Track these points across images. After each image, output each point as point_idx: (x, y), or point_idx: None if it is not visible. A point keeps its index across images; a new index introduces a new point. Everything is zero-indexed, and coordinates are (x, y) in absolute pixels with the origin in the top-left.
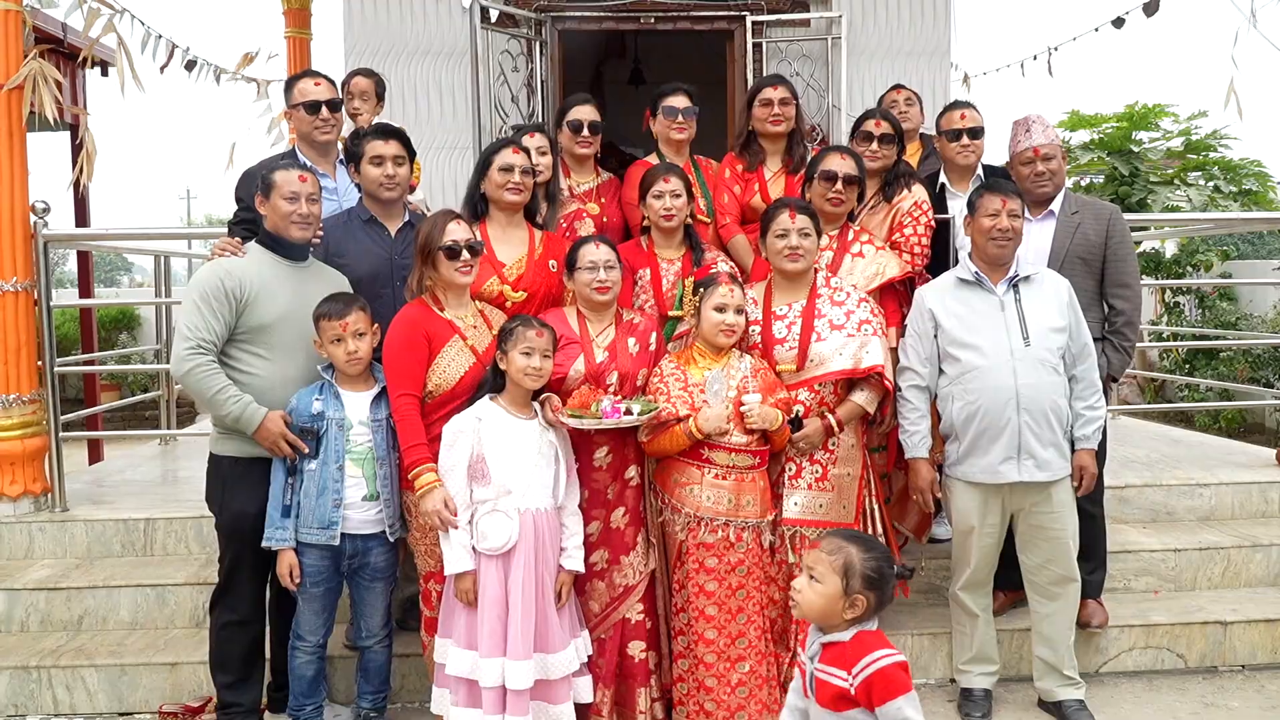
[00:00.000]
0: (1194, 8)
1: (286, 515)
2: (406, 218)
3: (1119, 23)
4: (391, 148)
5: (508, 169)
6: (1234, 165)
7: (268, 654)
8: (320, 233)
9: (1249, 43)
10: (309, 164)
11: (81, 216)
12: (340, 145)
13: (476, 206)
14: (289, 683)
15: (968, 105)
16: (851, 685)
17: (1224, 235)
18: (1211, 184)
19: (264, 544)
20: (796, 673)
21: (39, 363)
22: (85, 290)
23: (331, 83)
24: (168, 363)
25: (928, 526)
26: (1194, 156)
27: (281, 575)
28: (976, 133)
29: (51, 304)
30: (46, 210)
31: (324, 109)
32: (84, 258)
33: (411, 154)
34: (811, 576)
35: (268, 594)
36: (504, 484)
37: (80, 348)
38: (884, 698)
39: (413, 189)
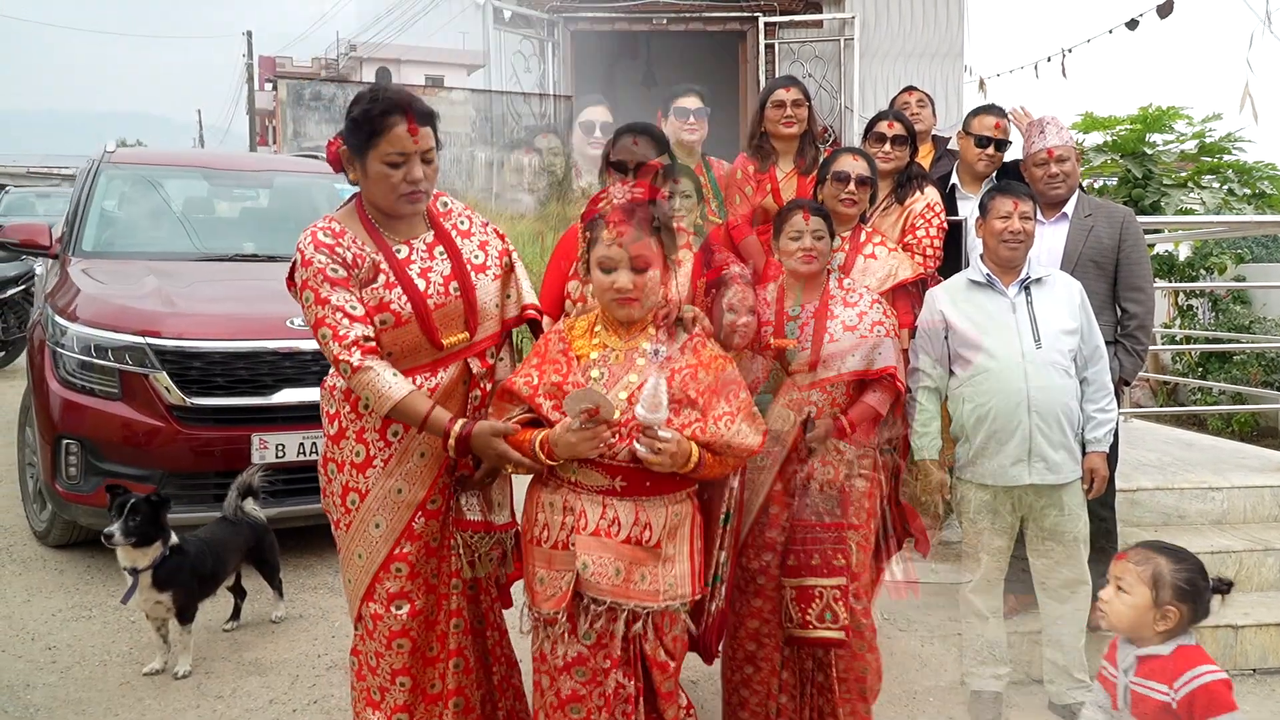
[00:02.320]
0: (1209, 10)
1: None
2: None
3: (1133, 24)
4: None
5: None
6: (1248, 168)
7: None
8: None
9: (1265, 45)
10: None
11: None
12: None
13: None
14: None
15: (1003, 114)
16: (1174, 700)
17: (1238, 238)
18: (1225, 187)
19: None
20: (1098, 684)
21: None
22: None
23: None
24: None
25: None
26: (1208, 159)
27: None
28: (1004, 145)
29: None
30: None
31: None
32: None
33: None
34: (1119, 587)
35: None
36: None
37: None
38: (1207, 714)
39: None
